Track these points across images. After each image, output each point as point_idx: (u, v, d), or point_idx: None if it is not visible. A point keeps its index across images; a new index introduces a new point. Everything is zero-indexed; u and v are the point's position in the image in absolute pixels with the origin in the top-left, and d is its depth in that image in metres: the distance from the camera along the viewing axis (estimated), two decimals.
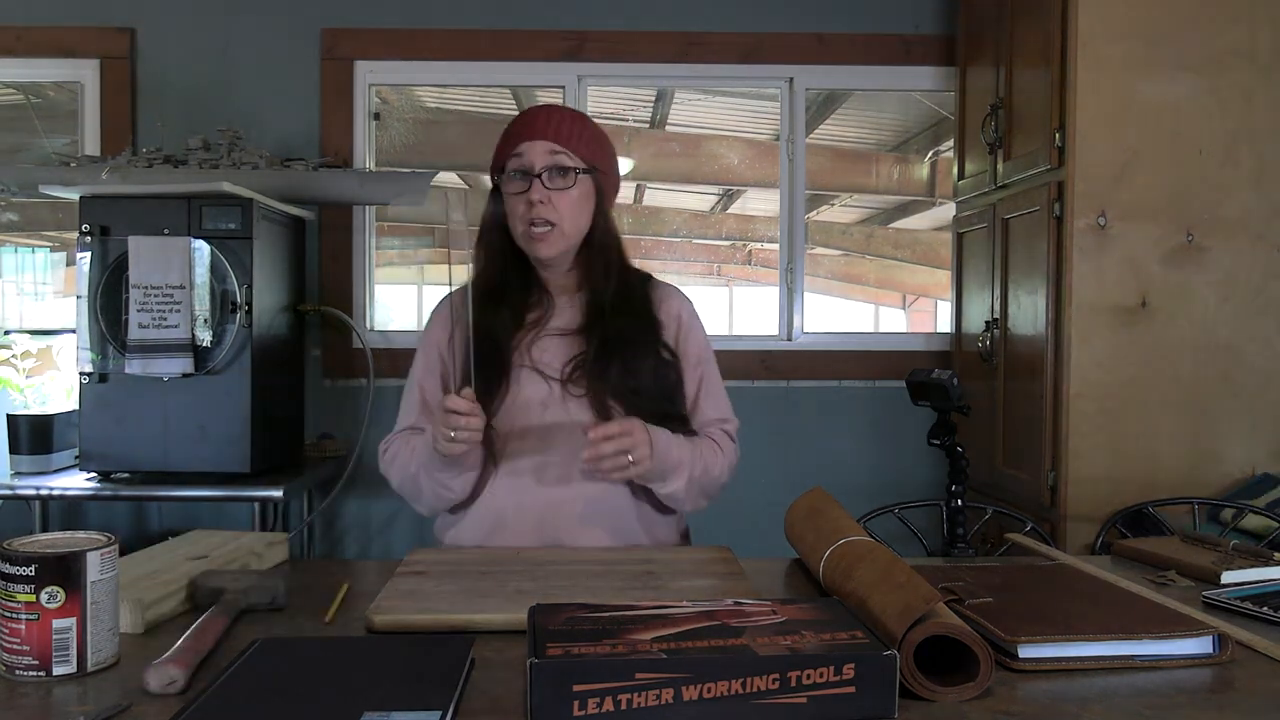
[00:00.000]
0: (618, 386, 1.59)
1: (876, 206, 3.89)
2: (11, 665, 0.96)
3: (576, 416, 1.59)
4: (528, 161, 1.62)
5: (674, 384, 1.67)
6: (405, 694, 0.88)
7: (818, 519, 1.38)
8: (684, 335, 1.72)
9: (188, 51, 3.25)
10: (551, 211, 1.61)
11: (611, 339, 1.62)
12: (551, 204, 1.61)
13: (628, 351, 1.62)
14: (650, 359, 1.64)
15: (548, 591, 1.21)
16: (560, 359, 1.64)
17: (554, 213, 1.62)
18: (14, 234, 3.46)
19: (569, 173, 1.63)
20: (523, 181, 1.62)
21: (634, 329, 1.65)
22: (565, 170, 1.62)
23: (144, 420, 2.56)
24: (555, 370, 1.63)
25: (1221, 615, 1.18)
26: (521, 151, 1.63)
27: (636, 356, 1.63)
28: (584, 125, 1.68)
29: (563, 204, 1.62)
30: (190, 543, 1.41)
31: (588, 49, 3.29)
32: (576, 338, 1.65)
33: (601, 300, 1.66)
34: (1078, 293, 2.42)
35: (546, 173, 1.62)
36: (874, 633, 0.93)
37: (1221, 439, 2.45)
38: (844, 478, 3.24)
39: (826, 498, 1.46)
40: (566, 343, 1.65)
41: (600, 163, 1.68)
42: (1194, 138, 2.42)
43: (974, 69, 3.09)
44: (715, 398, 1.72)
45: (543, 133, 1.63)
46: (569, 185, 1.63)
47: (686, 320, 1.73)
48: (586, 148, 1.66)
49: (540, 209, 1.61)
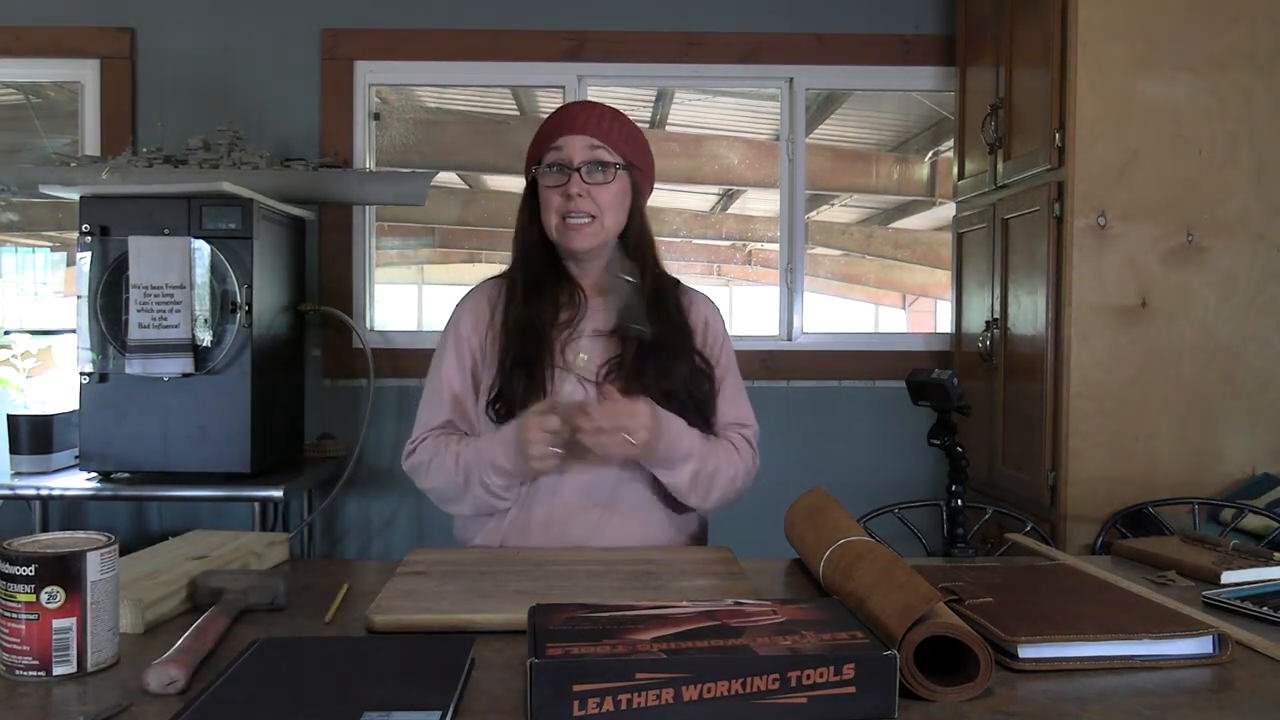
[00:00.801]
0: (653, 390, 1.58)
1: (876, 206, 3.89)
2: (11, 665, 0.96)
3: None
4: (566, 155, 1.61)
5: (707, 390, 1.66)
6: (405, 694, 0.88)
7: (818, 519, 1.38)
8: (713, 342, 1.72)
9: (188, 51, 3.25)
10: (590, 204, 1.61)
11: (648, 342, 1.61)
12: (590, 197, 1.60)
13: (663, 354, 1.61)
14: (685, 363, 1.64)
15: (548, 591, 1.21)
16: (595, 361, 1.63)
17: (592, 205, 1.61)
18: (14, 234, 3.46)
19: (608, 168, 1.62)
20: (560, 175, 1.62)
21: (669, 332, 1.64)
22: (605, 165, 1.62)
23: (144, 420, 2.56)
24: (590, 372, 1.61)
25: (1221, 615, 1.18)
26: (560, 145, 1.62)
27: (672, 360, 1.62)
28: (623, 122, 1.67)
29: (602, 198, 1.62)
30: (190, 543, 1.40)
31: (588, 49, 3.29)
32: (611, 339, 1.64)
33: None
34: (1078, 293, 2.42)
35: (585, 167, 1.61)
36: (874, 633, 0.93)
37: (1221, 439, 2.45)
38: (844, 478, 3.23)
39: (826, 498, 1.46)
40: (601, 344, 1.64)
41: (638, 159, 1.67)
42: (1194, 138, 2.42)
43: (974, 69, 3.09)
44: (735, 403, 1.72)
45: (583, 128, 1.62)
46: (608, 180, 1.62)
47: (714, 327, 1.73)
48: (626, 144, 1.65)
49: (578, 201, 1.60)
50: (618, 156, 1.63)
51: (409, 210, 3.37)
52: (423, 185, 3.02)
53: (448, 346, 1.69)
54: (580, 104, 1.70)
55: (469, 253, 3.80)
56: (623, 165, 1.64)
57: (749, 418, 1.73)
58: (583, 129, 1.62)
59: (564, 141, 1.62)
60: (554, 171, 1.62)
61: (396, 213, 3.44)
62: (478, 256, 3.78)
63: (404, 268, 3.59)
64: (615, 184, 1.63)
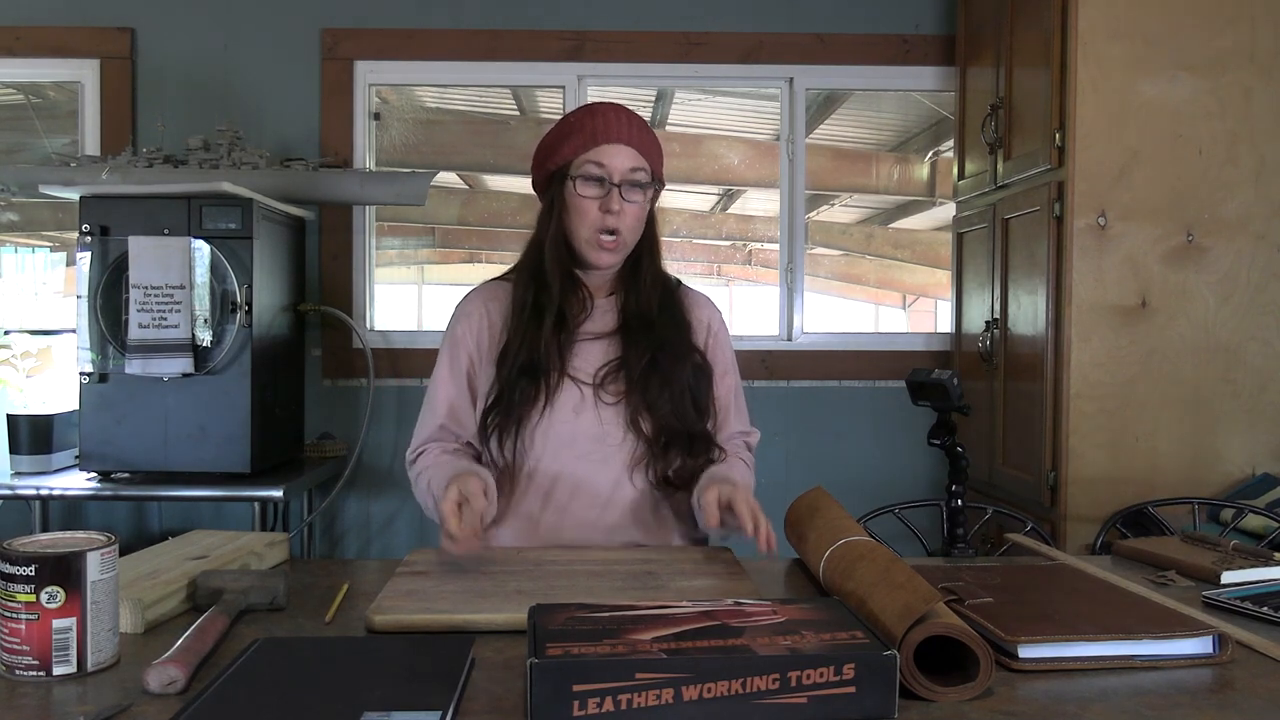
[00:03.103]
0: (654, 394, 1.58)
1: (876, 206, 3.88)
2: (11, 665, 0.96)
3: (608, 423, 1.58)
4: (609, 169, 1.58)
5: (705, 395, 1.66)
6: (405, 694, 0.87)
7: (817, 518, 1.37)
8: (714, 345, 1.71)
9: (188, 51, 3.25)
10: (622, 222, 1.59)
11: (649, 346, 1.60)
12: (624, 213, 1.59)
13: (665, 359, 1.60)
14: (686, 367, 1.63)
15: (548, 591, 1.21)
16: (593, 364, 1.61)
17: (623, 223, 1.59)
18: (14, 234, 3.46)
19: (646, 188, 1.61)
20: (600, 187, 1.58)
21: (671, 337, 1.63)
22: (643, 185, 1.60)
23: (144, 420, 2.56)
24: (588, 375, 1.60)
25: (1221, 615, 1.18)
26: (602, 155, 1.58)
27: (673, 364, 1.61)
28: (652, 134, 1.65)
29: (632, 216, 1.60)
30: (190, 543, 1.40)
31: (588, 49, 3.29)
32: (610, 342, 1.63)
33: (638, 305, 1.64)
34: (1078, 293, 2.42)
35: (626, 185, 1.58)
36: (874, 633, 0.93)
37: (1221, 439, 2.45)
38: (844, 478, 3.24)
39: (826, 497, 1.46)
40: (600, 347, 1.63)
41: (660, 173, 1.67)
42: (1194, 138, 2.42)
43: (974, 69, 3.09)
44: (740, 411, 1.72)
45: (625, 138, 1.59)
46: (642, 200, 1.61)
47: (716, 330, 1.72)
48: (656, 159, 1.64)
49: (615, 219, 1.57)
50: (650, 174, 1.62)
51: (409, 210, 3.37)
52: (423, 185, 3.02)
53: (445, 352, 1.68)
54: (620, 111, 1.64)
55: (469, 253, 3.80)
56: (655, 184, 1.63)
57: (747, 420, 1.74)
58: (625, 139, 1.59)
59: (606, 151, 1.58)
60: (594, 183, 1.58)
61: (396, 213, 3.44)
62: (478, 256, 3.78)
63: (404, 268, 3.59)
64: (646, 201, 1.63)
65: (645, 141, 1.61)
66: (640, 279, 1.66)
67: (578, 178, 1.59)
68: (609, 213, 1.57)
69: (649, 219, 1.67)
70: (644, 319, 1.63)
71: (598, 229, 1.58)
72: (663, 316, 1.64)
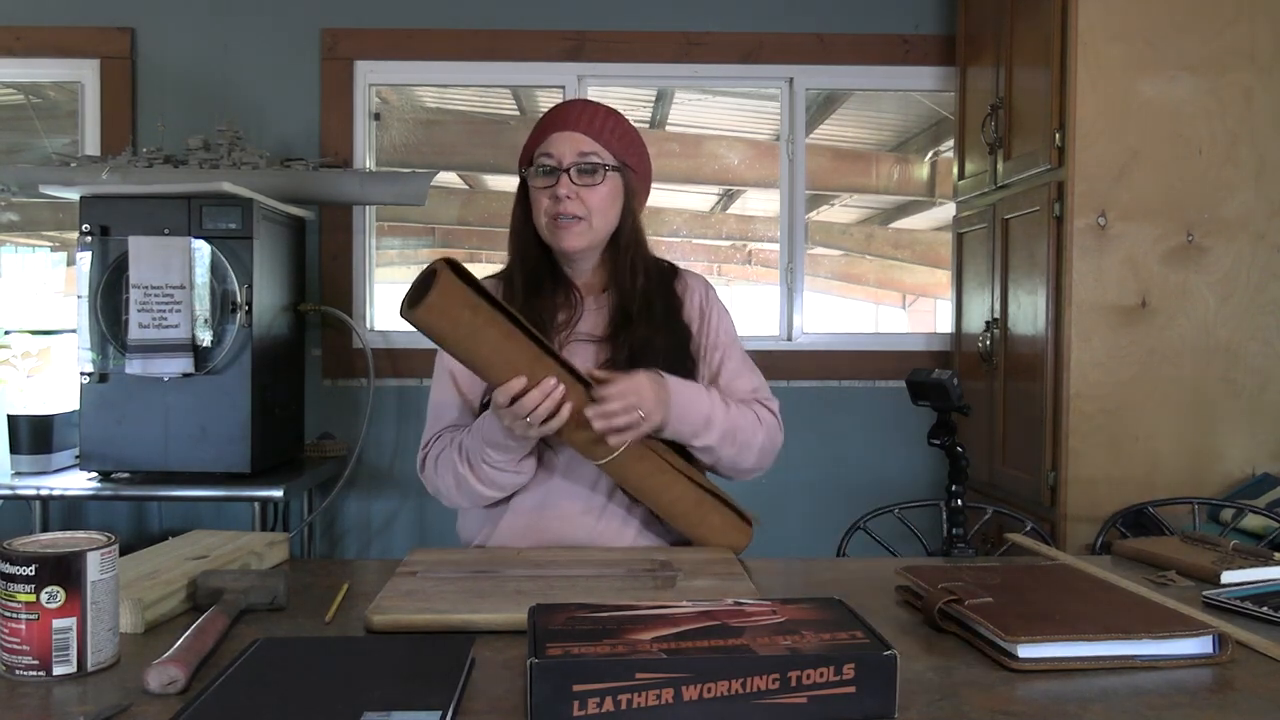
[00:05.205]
0: None
1: (876, 206, 3.88)
2: (11, 665, 0.96)
3: None
4: (556, 156, 1.59)
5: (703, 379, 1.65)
6: (405, 694, 0.87)
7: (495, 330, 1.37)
8: (709, 322, 1.69)
9: (188, 51, 3.25)
10: (579, 206, 1.59)
11: (639, 349, 1.59)
12: (579, 199, 1.59)
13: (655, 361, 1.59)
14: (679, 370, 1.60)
15: (548, 591, 1.21)
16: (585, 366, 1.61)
17: (581, 207, 1.59)
18: (14, 234, 3.46)
19: (598, 169, 1.60)
20: (550, 176, 1.60)
21: (661, 336, 1.62)
22: (595, 167, 1.60)
23: (144, 420, 2.56)
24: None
25: (1221, 615, 1.18)
26: (551, 145, 1.60)
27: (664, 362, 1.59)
28: (617, 120, 1.65)
29: (591, 199, 1.59)
30: (190, 543, 1.40)
31: (588, 49, 3.30)
32: (604, 344, 1.63)
33: (628, 304, 1.63)
34: (1078, 293, 2.42)
35: (575, 168, 1.59)
36: (873, 631, 0.93)
37: (1221, 439, 2.45)
38: (844, 477, 3.24)
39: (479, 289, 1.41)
40: (593, 350, 1.63)
41: (631, 161, 1.65)
42: (1194, 138, 2.42)
43: (974, 69, 3.09)
44: (744, 375, 1.68)
45: (574, 125, 1.60)
46: (598, 182, 1.60)
47: (708, 308, 1.71)
48: (619, 144, 1.63)
49: (567, 204, 1.58)
50: (609, 157, 1.61)
51: (409, 210, 3.37)
52: (423, 185, 3.02)
53: (442, 355, 1.67)
54: (575, 102, 1.68)
55: (469, 253, 3.80)
56: (614, 167, 1.62)
57: (762, 385, 1.69)
58: (574, 126, 1.60)
59: (555, 140, 1.60)
60: (543, 173, 1.61)
61: (396, 213, 3.44)
62: (478, 256, 3.78)
63: (404, 268, 3.59)
64: (605, 185, 1.61)
65: (601, 128, 1.61)
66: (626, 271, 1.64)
67: (532, 170, 1.63)
68: (559, 198, 1.58)
69: (631, 217, 1.66)
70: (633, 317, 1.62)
71: (551, 215, 1.60)
72: (652, 311, 1.63)
